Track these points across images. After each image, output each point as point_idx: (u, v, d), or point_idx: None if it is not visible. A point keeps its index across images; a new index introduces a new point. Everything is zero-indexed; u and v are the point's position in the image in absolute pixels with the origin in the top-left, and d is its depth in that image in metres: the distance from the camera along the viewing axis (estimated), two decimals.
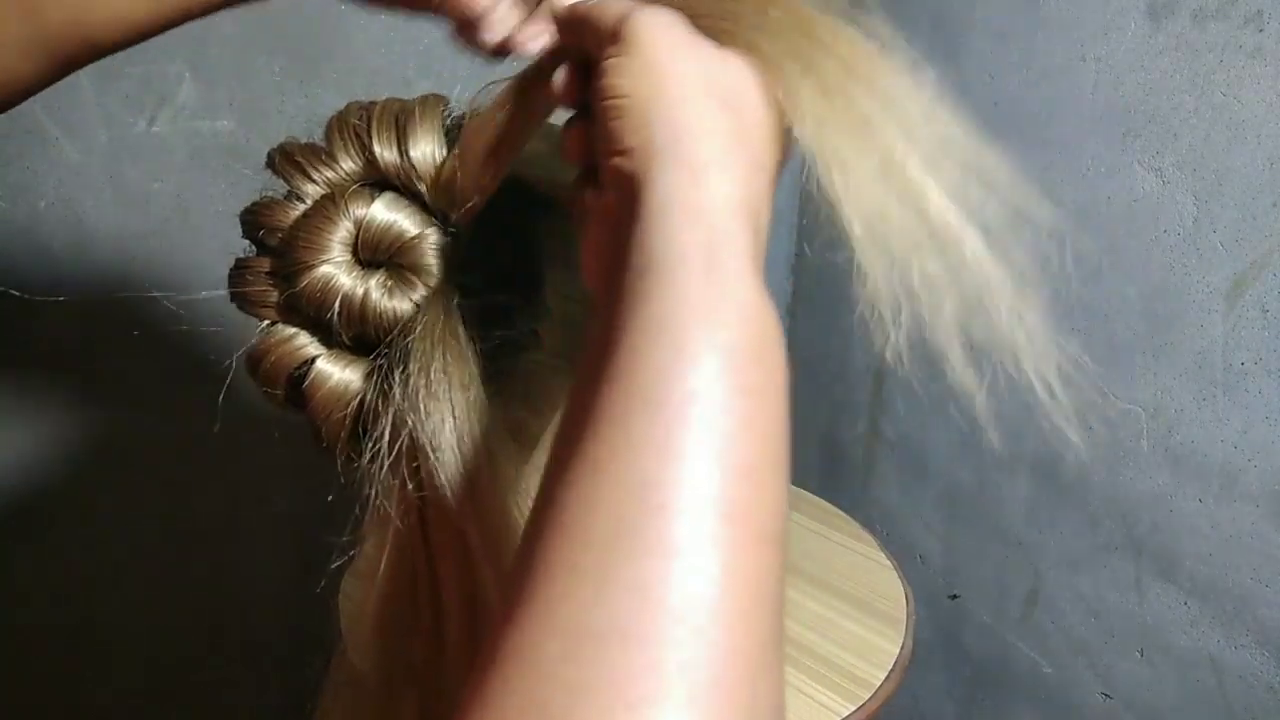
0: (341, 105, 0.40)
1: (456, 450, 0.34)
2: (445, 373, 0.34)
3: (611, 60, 0.29)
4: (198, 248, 0.86)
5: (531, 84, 0.35)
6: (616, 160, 0.28)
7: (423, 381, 0.34)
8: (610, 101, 0.28)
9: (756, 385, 0.24)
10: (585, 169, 0.33)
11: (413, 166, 0.35)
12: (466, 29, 0.36)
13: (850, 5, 0.31)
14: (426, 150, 0.35)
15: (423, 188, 0.35)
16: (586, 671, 0.20)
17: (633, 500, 0.23)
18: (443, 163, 0.35)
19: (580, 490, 0.23)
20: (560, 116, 0.34)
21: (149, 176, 0.84)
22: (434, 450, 0.34)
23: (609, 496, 0.23)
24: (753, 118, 0.29)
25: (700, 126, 0.27)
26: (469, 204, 0.34)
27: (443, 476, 0.34)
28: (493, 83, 0.36)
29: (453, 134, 0.36)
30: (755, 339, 0.25)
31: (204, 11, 0.38)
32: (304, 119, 0.40)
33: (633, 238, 0.26)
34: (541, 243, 0.39)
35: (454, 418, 0.34)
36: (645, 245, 0.26)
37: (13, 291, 0.79)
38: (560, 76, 0.33)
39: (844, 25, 0.30)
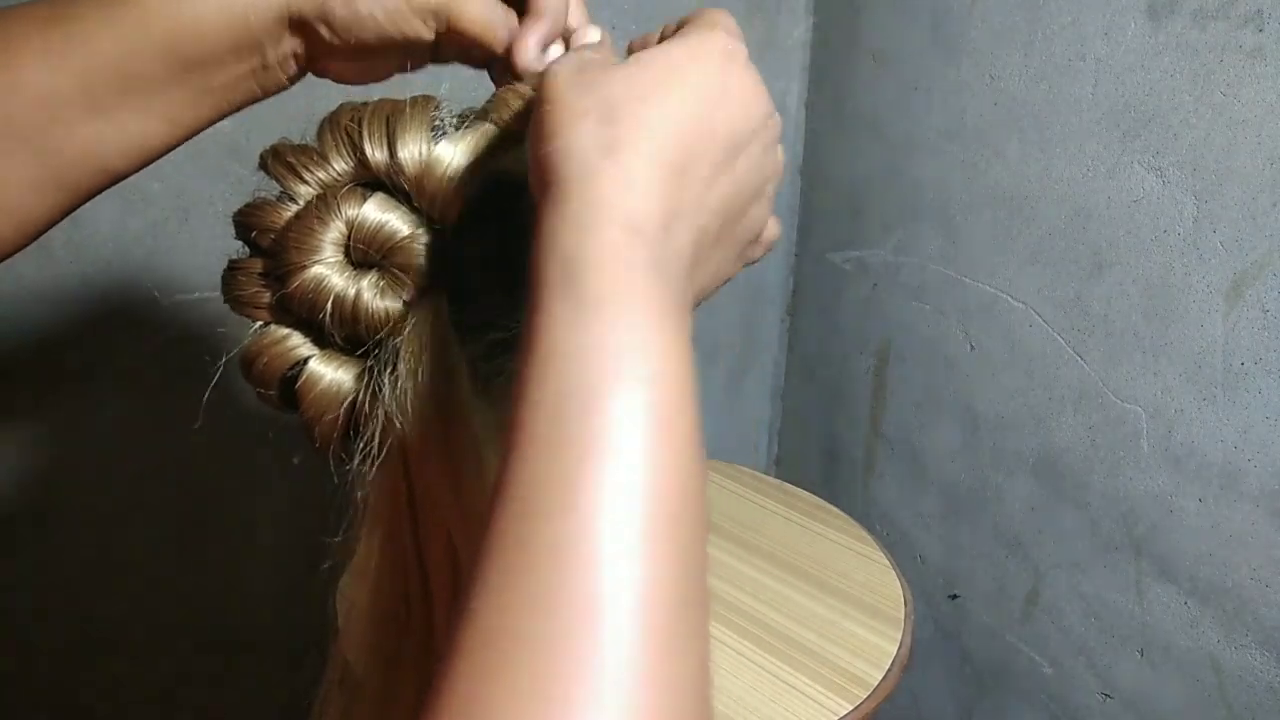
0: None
1: (445, 451, 0.34)
2: (434, 374, 0.34)
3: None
4: (197, 248, 0.86)
5: None
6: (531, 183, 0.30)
7: (411, 383, 0.34)
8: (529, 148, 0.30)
9: (646, 376, 0.25)
10: None
11: (402, 166, 0.35)
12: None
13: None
14: (415, 150, 0.35)
15: (411, 188, 0.35)
16: (511, 674, 0.22)
17: (527, 509, 0.24)
18: (431, 162, 0.35)
19: (491, 507, 0.25)
20: None
21: (149, 176, 0.84)
22: (421, 451, 0.34)
23: (506, 509, 0.24)
24: (655, 124, 0.28)
25: (567, 147, 0.28)
26: (454, 204, 0.35)
27: (431, 477, 0.34)
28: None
29: (446, 133, 0.36)
30: (632, 354, 0.25)
31: (216, 120, 0.38)
32: (304, 119, 0.40)
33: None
34: (531, 242, 0.39)
35: (442, 419, 0.35)
36: (532, 263, 0.28)
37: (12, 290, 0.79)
38: None
39: None
